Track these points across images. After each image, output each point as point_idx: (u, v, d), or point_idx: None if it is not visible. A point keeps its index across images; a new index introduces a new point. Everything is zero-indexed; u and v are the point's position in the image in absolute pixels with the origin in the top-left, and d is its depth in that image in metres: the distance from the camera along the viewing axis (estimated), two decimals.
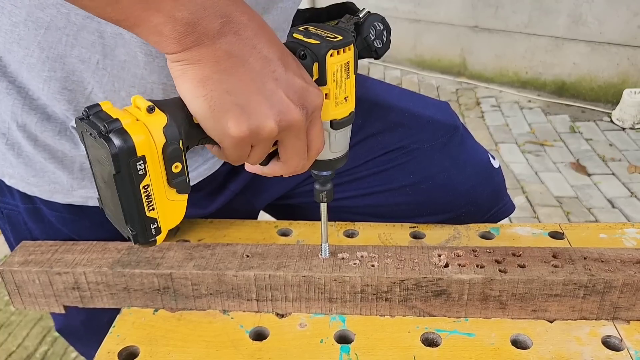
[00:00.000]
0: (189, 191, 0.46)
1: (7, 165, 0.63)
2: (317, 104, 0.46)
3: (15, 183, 0.64)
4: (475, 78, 3.55)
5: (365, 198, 0.79)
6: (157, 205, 0.44)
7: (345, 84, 0.50)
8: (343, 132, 0.53)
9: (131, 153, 0.40)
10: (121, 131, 0.40)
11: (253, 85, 0.41)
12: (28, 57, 0.52)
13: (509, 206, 0.83)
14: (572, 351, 0.57)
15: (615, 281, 0.58)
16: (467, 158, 0.78)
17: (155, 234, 0.45)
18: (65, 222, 0.69)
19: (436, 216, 0.78)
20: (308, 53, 0.48)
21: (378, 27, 0.65)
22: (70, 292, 0.64)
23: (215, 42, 0.39)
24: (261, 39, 0.42)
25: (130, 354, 0.59)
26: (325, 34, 0.49)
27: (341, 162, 0.56)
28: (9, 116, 0.58)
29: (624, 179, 2.44)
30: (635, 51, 2.94)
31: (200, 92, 0.40)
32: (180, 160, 0.43)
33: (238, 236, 0.76)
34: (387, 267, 0.61)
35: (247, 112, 0.42)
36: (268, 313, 0.63)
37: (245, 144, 0.44)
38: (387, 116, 0.76)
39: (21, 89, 0.56)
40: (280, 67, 0.43)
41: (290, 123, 0.44)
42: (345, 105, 0.51)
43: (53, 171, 0.62)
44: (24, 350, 1.68)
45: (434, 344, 0.59)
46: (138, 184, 0.42)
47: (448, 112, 0.80)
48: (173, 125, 0.42)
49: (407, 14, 3.63)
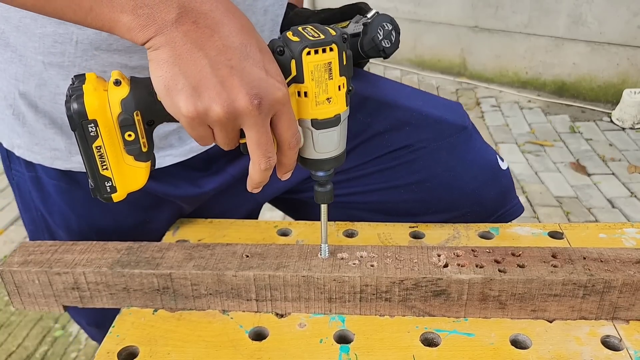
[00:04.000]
0: (147, 161, 0.52)
1: (15, 136, 0.69)
2: (275, 97, 0.47)
3: (22, 153, 0.70)
4: (475, 78, 3.55)
5: (371, 194, 0.80)
6: (111, 167, 0.50)
7: (327, 85, 0.50)
8: (328, 133, 0.53)
9: (82, 115, 0.47)
10: (79, 97, 0.47)
11: (207, 70, 0.45)
12: (23, 19, 0.58)
13: (517, 208, 0.83)
14: (571, 351, 0.57)
15: (614, 281, 0.58)
16: (474, 158, 0.78)
17: (110, 191, 0.52)
18: (62, 191, 0.72)
19: (441, 215, 0.78)
20: (286, 50, 0.49)
21: (386, 28, 0.66)
22: (69, 292, 0.64)
23: (173, 31, 0.44)
24: (222, 28, 0.45)
25: (130, 354, 0.59)
26: (312, 34, 0.49)
27: (331, 163, 0.55)
28: (13, 85, 0.64)
29: (623, 179, 2.44)
30: (635, 51, 2.94)
31: (157, 73, 0.45)
32: (133, 129, 0.49)
33: (237, 236, 0.76)
34: (386, 267, 0.61)
35: (197, 94, 0.45)
36: (267, 313, 0.63)
37: (196, 124, 0.47)
38: (394, 115, 0.76)
39: (22, 57, 0.61)
40: (237, 56, 0.45)
41: (238, 110, 0.46)
42: (328, 106, 0.51)
43: (53, 137, 0.67)
44: (24, 350, 1.68)
45: (434, 344, 0.59)
46: (91, 144, 0.49)
47: (458, 112, 0.80)
48: (131, 99, 0.48)
49: (407, 14, 3.63)
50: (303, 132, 0.53)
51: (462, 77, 3.59)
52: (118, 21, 0.44)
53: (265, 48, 0.48)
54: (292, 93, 0.50)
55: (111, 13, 0.44)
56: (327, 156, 0.55)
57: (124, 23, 0.44)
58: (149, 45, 0.45)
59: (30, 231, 0.81)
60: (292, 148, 0.51)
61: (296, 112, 0.51)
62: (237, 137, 0.50)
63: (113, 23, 0.44)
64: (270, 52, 0.49)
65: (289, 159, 0.53)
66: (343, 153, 0.56)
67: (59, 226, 0.76)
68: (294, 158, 0.53)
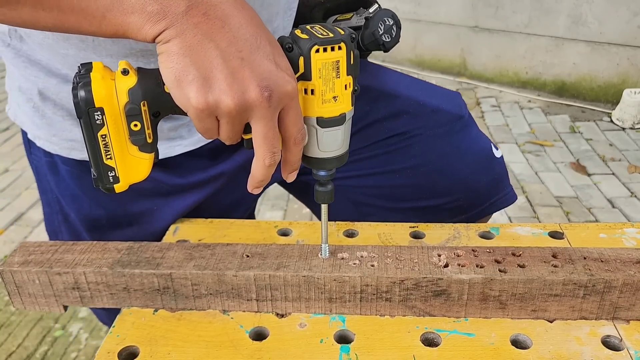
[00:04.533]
0: (151, 152, 0.52)
1: (35, 128, 0.72)
2: (285, 90, 0.47)
3: (42, 144, 0.73)
4: (475, 78, 3.55)
5: (367, 178, 0.82)
6: (115, 156, 0.50)
7: (334, 83, 0.50)
8: (333, 132, 0.53)
9: (89, 103, 0.47)
10: (86, 84, 0.47)
11: (217, 62, 0.45)
12: (46, 39, 0.60)
13: (510, 195, 0.85)
14: (572, 351, 0.57)
15: (615, 281, 0.58)
16: (468, 146, 0.80)
17: (112, 181, 0.52)
18: (74, 176, 0.75)
19: (435, 200, 0.81)
20: (295, 47, 0.49)
21: (387, 22, 0.66)
22: (70, 292, 0.64)
23: (183, 23, 0.44)
24: (233, 20, 0.45)
25: (130, 354, 0.59)
26: (321, 32, 0.50)
27: (333, 162, 0.56)
28: (32, 82, 0.67)
29: (624, 179, 2.44)
30: (635, 51, 2.94)
31: (168, 65, 0.45)
32: (140, 119, 0.49)
33: (238, 236, 0.76)
34: (387, 267, 0.61)
35: (208, 85, 0.45)
36: (268, 313, 0.63)
37: (206, 115, 0.47)
38: (393, 104, 0.79)
39: (41, 62, 0.65)
40: (248, 48, 0.46)
41: (249, 102, 0.46)
42: (334, 104, 0.51)
43: (70, 129, 0.70)
44: (24, 350, 1.68)
45: (434, 344, 0.59)
46: (96, 132, 0.49)
47: (456, 101, 0.82)
48: (138, 89, 0.48)
49: (407, 14, 3.63)
50: (308, 130, 0.53)
51: (462, 77, 3.59)
52: (130, 22, 0.45)
53: (275, 41, 0.49)
54: (299, 90, 0.51)
55: (123, 16, 0.44)
56: (330, 155, 0.55)
57: (135, 22, 0.44)
58: (159, 39, 0.45)
59: (46, 213, 0.84)
60: (298, 144, 0.51)
61: (302, 110, 0.51)
62: (241, 131, 0.50)
63: (126, 25, 0.45)
64: (279, 45, 0.49)
65: (294, 156, 0.53)
66: (346, 153, 0.56)
67: (71, 209, 0.78)
68: (298, 155, 0.53)
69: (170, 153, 0.72)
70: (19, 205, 2.43)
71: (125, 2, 0.44)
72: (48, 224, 0.84)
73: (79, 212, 0.78)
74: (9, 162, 2.84)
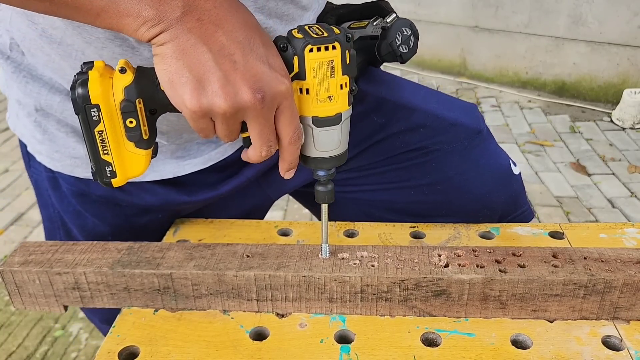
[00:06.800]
0: (147, 148, 0.53)
1: (36, 142, 0.71)
2: (278, 90, 0.47)
3: (42, 159, 0.72)
4: (475, 78, 3.55)
5: (382, 193, 0.80)
6: (112, 152, 0.52)
7: (329, 83, 0.50)
8: (329, 131, 0.53)
9: (85, 100, 0.48)
10: (84, 82, 0.48)
11: (210, 64, 0.46)
12: (50, 62, 0.60)
13: (528, 213, 0.83)
14: (572, 351, 0.57)
15: (615, 281, 0.58)
16: (486, 162, 0.78)
17: (110, 176, 0.53)
18: (76, 194, 0.74)
19: (451, 218, 0.78)
20: (289, 46, 0.49)
21: (405, 33, 0.65)
22: (70, 292, 0.64)
23: (177, 28, 0.45)
24: (226, 24, 0.46)
25: (131, 354, 0.59)
26: (316, 32, 0.50)
27: (331, 162, 0.56)
28: (34, 98, 0.66)
29: (624, 179, 2.44)
30: (635, 51, 2.94)
31: (161, 67, 0.47)
32: (135, 116, 0.50)
33: (238, 236, 0.76)
34: (387, 267, 0.61)
35: (201, 88, 0.46)
36: (268, 313, 0.63)
37: (199, 116, 0.48)
38: (410, 117, 0.76)
39: (44, 77, 0.64)
40: (240, 50, 0.46)
41: (241, 104, 0.47)
42: (329, 104, 0.51)
43: (73, 146, 0.69)
44: (24, 350, 1.68)
45: (434, 344, 0.59)
46: (93, 128, 0.50)
47: (473, 115, 0.79)
48: (134, 87, 0.49)
49: (407, 14, 3.63)
50: (304, 130, 0.53)
51: (462, 77, 3.59)
52: (125, 24, 0.46)
53: (270, 43, 0.49)
54: (294, 90, 0.51)
55: (118, 18, 0.45)
56: (328, 155, 0.55)
57: (130, 25, 0.45)
58: (154, 41, 0.46)
59: (47, 227, 0.83)
60: (293, 143, 0.52)
61: (298, 109, 0.51)
62: (238, 130, 0.51)
63: (120, 26, 0.46)
64: (274, 46, 0.49)
65: (291, 155, 0.53)
66: (344, 153, 0.56)
67: (73, 225, 0.77)
68: (295, 154, 0.53)
69: (180, 172, 0.71)
70: (19, 205, 2.43)
71: (121, 5, 0.44)
72: (49, 238, 0.83)
73: (83, 228, 0.77)
74: (9, 162, 2.84)
